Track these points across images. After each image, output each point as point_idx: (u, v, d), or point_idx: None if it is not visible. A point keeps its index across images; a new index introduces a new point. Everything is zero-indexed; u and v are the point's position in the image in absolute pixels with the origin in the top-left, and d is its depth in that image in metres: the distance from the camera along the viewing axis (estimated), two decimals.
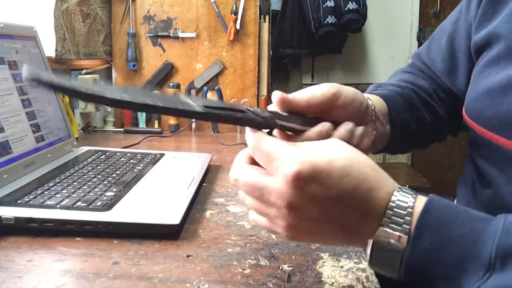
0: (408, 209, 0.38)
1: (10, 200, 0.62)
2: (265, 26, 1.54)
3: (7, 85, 0.76)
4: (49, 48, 1.19)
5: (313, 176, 0.37)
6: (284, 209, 0.39)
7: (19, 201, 0.61)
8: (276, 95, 0.47)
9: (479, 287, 0.36)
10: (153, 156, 0.90)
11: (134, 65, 1.48)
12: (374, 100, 0.60)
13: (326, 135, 0.48)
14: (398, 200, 0.39)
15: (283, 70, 2.67)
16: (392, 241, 0.38)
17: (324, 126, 0.48)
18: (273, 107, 0.48)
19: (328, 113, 0.51)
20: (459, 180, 0.67)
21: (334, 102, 0.50)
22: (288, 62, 2.66)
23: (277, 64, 2.48)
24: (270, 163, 0.39)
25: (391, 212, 0.38)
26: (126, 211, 0.60)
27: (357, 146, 0.52)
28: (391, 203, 0.38)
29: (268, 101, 1.46)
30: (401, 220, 0.38)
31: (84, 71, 1.38)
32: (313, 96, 0.49)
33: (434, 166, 2.78)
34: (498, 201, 0.54)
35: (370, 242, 0.39)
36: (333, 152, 0.39)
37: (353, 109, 0.52)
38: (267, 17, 1.56)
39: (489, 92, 0.53)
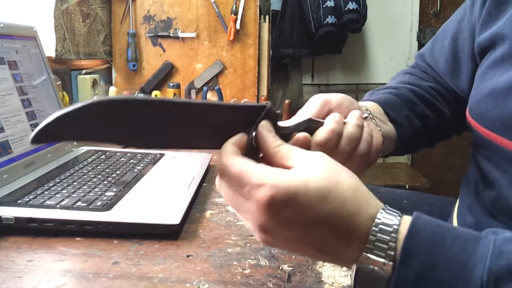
0: (392, 234, 0.36)
1: (10, 200, 0.62)
2: (265, 26, 1.54)
3: (7, 85, 0.76)
4: (49, 48, 1.19)
5: (287, 200, 0.35)
6: (258, 231, 0.38)
7: (19, 201, 0.61)
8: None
9: None
10: (153, 156, 0.90)
11: (134, 65, 1.48)
12: (368, 105, 0.60)
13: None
14: (382, 224, 0.37)
15: (283, 70, 2.67)
16: (376, 268, 0.36)
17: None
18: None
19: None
20: (462, 179, 0.67)
21: (328, 109, 0.53)
22: (288, 62, 2.65)
23: (277, 64, 2.48)
24: (242, 188, 0.37)
25: (374, 238, 0.36)
26: (126, 211, 0.60)
27: (370, 142, 0.53)
28: (373, 228, 0.36)
29: (269, 101, 1.46)
30: (385, 246, 0.36)
31: (84, 71, 1.38)
32: (307, 114, 0.51)
33: (434, 166, 2.78)
34: (502, 202, 0.54)
35: (354, 267, 0.37)
36: (311, 172, 0.37)
37: (348, 106, 0.54)
38: (267, 17, 1.56)
39: (493, 93, 0.53)
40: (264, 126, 0.41)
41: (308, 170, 0.37)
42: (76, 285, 0.46)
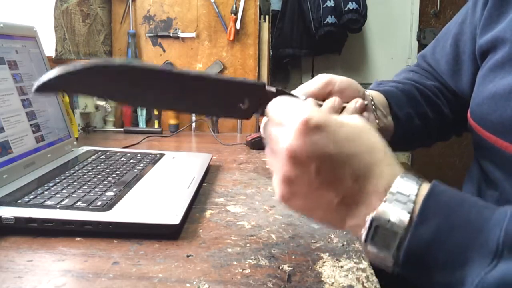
0: (414, 191, 0.37)
1: (10, 200, 0.62)
2: (265, 26, 1.54)
3: (7, 85, 0.76)
4: (49, 48, 1.19)
5: (320, 125, 0.37)
6: (282, 181, 0.39)
7: (19, 201, 0.61)
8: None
9: (486, 275, 0.34)
10: (153, 156, 0.90)
11: None
12: (374, 94, 0.60)
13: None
14: (406, 178, 0.38)
15: (283, 70, 2.67)
16: (393, 219, 0.36)
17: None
18: None
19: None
20: (465, 178, 0.67)
21: (330, 90, 0.54)
22: (288, 62, 2.65)
23: (277, 64, 2.48)
24: (287, 116, 0.39)
25: (396, 189, 0.37)
26: (126, 211, 0.60)
27: None
28: (398, 179, 0.38)
29: None
30: (406, 198, 0.37)
31: None
32: (307, 91, 0.53)
33: (434, 166, 2.78)
34: (505, 203, 0.54)
35: (369, 219, 0.37)
36: (348, 119, 0.39)
37: (351, 94, 0.55)
38: (267, 17, 1.56)
39: (494, 97, 0.53)
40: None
41: (347, 118, 0.40)
42: (76, 285, 0.46)
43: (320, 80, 0.55)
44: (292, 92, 0.53)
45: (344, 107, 0.53)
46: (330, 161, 0.37)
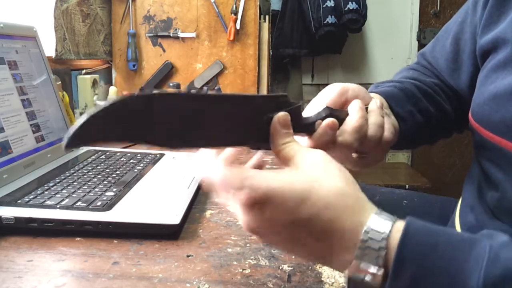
0: (383, 241, 0.35)
1: (10, 200, 0.62)
2: (265, 26, 1.54)
3: (7, 85, 0.76)
4: (49, 48, 1.19)
5: (265, 202, 0.35)
6: (248, 230, 0.38)
7: (19, 201, 0.61)
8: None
9: None
10: (153, 156, 0.90)
11: (134, 65, 1.48)
12: (373, 97, 0.60)
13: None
14: (372, 229, 0.35)
15: (283, 70, 2.67)
16: (367, 277, 0.35)
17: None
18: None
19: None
20: (465, 179, 0.67)
21: (345, 98, 0.54)
22: (288, 62, 2.65)
23: (277, 64, 2.48)
24: (228, 193, 0.38)
25: (364, 245, 0.35)
26: (126, 211, 0.60)
27: (392, 129, 0.55)
28: (363, 235, 0.35)
29: None
30: (376, 254, 0.35)
31: (84, 71, 1.38)
32: (324, 102, 0.53)
33: (434, 166, 2.78)
34: (506, 204, 0.54)
35: (345, 276, 0.36)
36: (297, 173, 0.37)
37: (363, 97, 0.55)
38: (267, 17, 1.56)
39: (496, 97, 0.53)
40: (280, 120, 0.41)
41: (295, 171, 0.37)
42: (76, 285, 0.46)
43: (333, 91, 0.55)
44: (311, 102, 0.54)
45: (341, 118, 0.52)
46: (286, 228, 0.36)
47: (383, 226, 0.35)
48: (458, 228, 0.65)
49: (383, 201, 0.86)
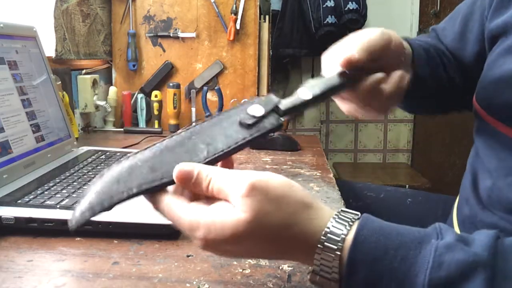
0: (337, 252, 0.36)
1: (10, 200, 0.62)
2: (265, 26, 1.54)
3: (7, 85, 0.76)
4: (49, 48, 1.19)
5: (218, 241, 0.37)
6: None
7: (19, 201, 0.61)
8: (343, 58, 0.51)
9: None
10: None
11: (134, 65, 1.48)
12: (405, 46, 0.62)
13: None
14: (330, 232, 0.37)
15: (283, 70, 2.67)
16: (325, 281, 0.37)
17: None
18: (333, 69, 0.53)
19: (381, 59, 0.55)
20: (464, 174, 0.68)
21: (388, 47, 0.55)
22: (288, 62, 2.65)
23: (277, 64, 2.48)
24: (180, 225, 0.39)
25: (318, 261, 0.37)
26: (126, 211, 0.60)
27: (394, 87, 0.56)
28: (317, 252, 0.37)
29: None
30: (329, 267, 0.37)
31: (84, 71, 1.38)
32: (371, 46, 0.53)
33: (434, 166, 2.78)
34: (496, 193, 0.55)
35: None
36: (238, 212, 0.37)
37: (400, 53, 0.58)
38: (267, 17, 1.56)
39: (500, 80, 0.53)
40: (178, 178, 0.40)
41: (235, 210, 0.37)
42: (76, 285, 0.46)
43: (382, 37, 0.56)
44: (356, 46, 0.54)
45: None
46: (246, 252, 0.39)
47: (339, 230, 0.37)
48: (455, 221, 0.66)
49: (387, 199, 0.86)
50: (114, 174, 0.42)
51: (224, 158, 0.41)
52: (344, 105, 0.61)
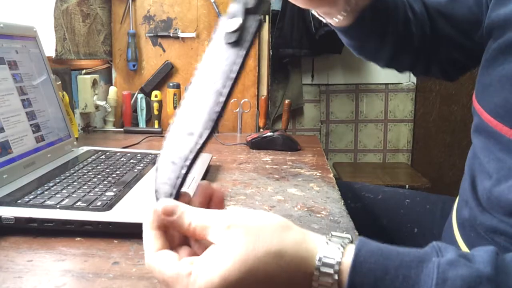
0: (335, 276, 0.35)
1: (10, 200, 0.62)
2: (265, 26, 1.54)
3: (7, 85, 0.76)
4: (49, 48, 1.19)
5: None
6: None
7: (19, 201, 0.61)
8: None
9: None
10: (153, 156, 0.90)
11: (134, 65, 1.48)
12: None
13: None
14: (321, 274, 0.36)
15: (283, 70, 2.67)
16: None
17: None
18: None
19: None
20: (463, 176, 0.67)
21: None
22: (288, 62, 2.65)
23: (277, 64, 2.48)
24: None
25: (316, 285, 0.36)
26: (126, 211, 0.60)
27: None
28: (316, 265, 0.36)
29: (268, 101, 1.46)
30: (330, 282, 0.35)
31: (84, 71, 1.38)
32: None
33: (434, 166, 2.78)
34: (495, 194, 0.54)
35: None
36: (227, 258, 0.35)
37: None
38: (267, 17, 1.56)
39: (501, 80, 0.53)
40: (163, 212, 0.39)
41: (224, 256, 0.35)
42: (76, 285, 0.46)
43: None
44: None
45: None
46: None
47: (334, 253, 0.36)
48: (454, 224, 0.65)
49: (385, 200, 0.86)
50: (165, 157, 0.42)
51: (238, 78, 0.41)
52: None
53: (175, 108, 1.37)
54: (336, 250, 0.37)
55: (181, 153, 0.41)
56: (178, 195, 0.42)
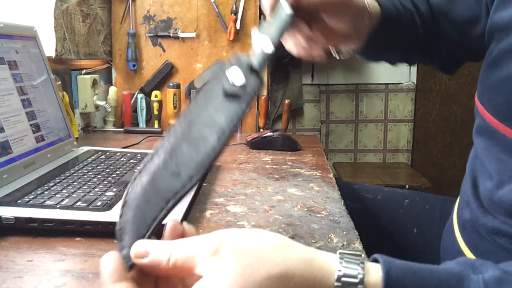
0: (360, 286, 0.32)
1: (10, 200, 0.62)
2: None
3: (7, 85, 0.76)
4: (49, 48, 1.19)
5: None
6: None
7: (19, 201, 0.61)
8: None
9: None
10: None
11: (134, 65, 1.48)
12: (372, 7, 0.60)
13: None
14: (345, 275, 0.32)
15: (283, 70, 2.67)
16: None
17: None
18: None
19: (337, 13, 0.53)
20: (464, 176, 0.67)
21: (339, 6, 0.53)
22: (288, 62, 2.65)
23: (277, 64, 2.48)
24: None
25: None
26: None
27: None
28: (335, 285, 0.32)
29: (269, 101, 1.46)
30: None
31: (84, 71, 1.38)
32: None
33: (434, 166, 2.78)
34: (497, 195, 0.54)
35: None
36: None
37: (360, 13, 0.56)
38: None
39: (503, 80, 0.53)
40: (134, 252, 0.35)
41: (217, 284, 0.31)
42: (76, 285, 0.46)
43: None
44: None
45: None
46: None
47: (353, 271, 0.33)
48: (455, 225, 0.65)
49: (385, 200, 0.86)
50: (139, 194, 0.39)
51: (232, 134, 0.39)
52: (288, 42, 0.58)
53: (175, 108, 1.37)
54: (355, 268, 0.33)
55: (163, 193, 0.38)
56: (150, 238, 0.38)
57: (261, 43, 0.45)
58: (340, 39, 0.58)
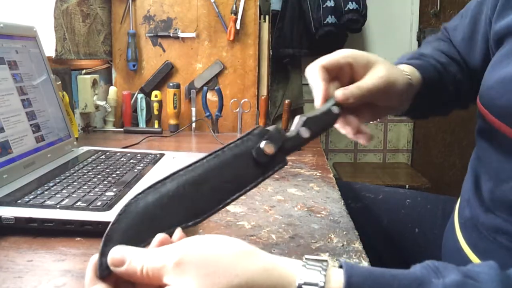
0: None
1: (10, 200, 0.62)
2: (265, 26, 1.54)
3: (7, 85, 0.76)
4: (49, 48, 1.19)
5: None
6: None
7: (19, 201, 0.61)
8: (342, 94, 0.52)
9: None
10: (153, 156, 0.90)
11: (134, 65, 1.48)
12: (413, 78, 0.62)
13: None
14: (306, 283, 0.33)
15: (283, 70, 2.66)
16: None
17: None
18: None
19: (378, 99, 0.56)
20: (465, 176, 0.68)
21: (388, 92, 0.56)
22: (288, 62, 2.65)
23: (277, 64, 2.48)
24: None
25: None
26: None
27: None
28: None
29: (269, 101, 1.46)
30: None
31: (84, 71, 1.38)
32: (372, 89, 0.54)
33: (434, 166, 2.78)
34: (499, 194, 0.54)
35: None
36: None
37: (400, 94, 0.58)
38: (267, 17, 1.56)
39: (503, 81, 0.53)
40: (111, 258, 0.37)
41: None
42: (76, 285, 0.46)
43: (387, 78, 0.57)
44: (362, 84, 0.56)
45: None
46: None
47: (314, 279, 0.33)
48: (456, 223, 0.65)
49: (386, 200, 0.86)
50: (140, 210, 0.40)
51: (241, 195, 0.43)
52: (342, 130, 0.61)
53: (175, 108, 1.37)
54: (317, 275, 0.33)
55: (162, 222, 0.40)
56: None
57: (301, 130, 0.49)
58: (384, 114, 0.62)
